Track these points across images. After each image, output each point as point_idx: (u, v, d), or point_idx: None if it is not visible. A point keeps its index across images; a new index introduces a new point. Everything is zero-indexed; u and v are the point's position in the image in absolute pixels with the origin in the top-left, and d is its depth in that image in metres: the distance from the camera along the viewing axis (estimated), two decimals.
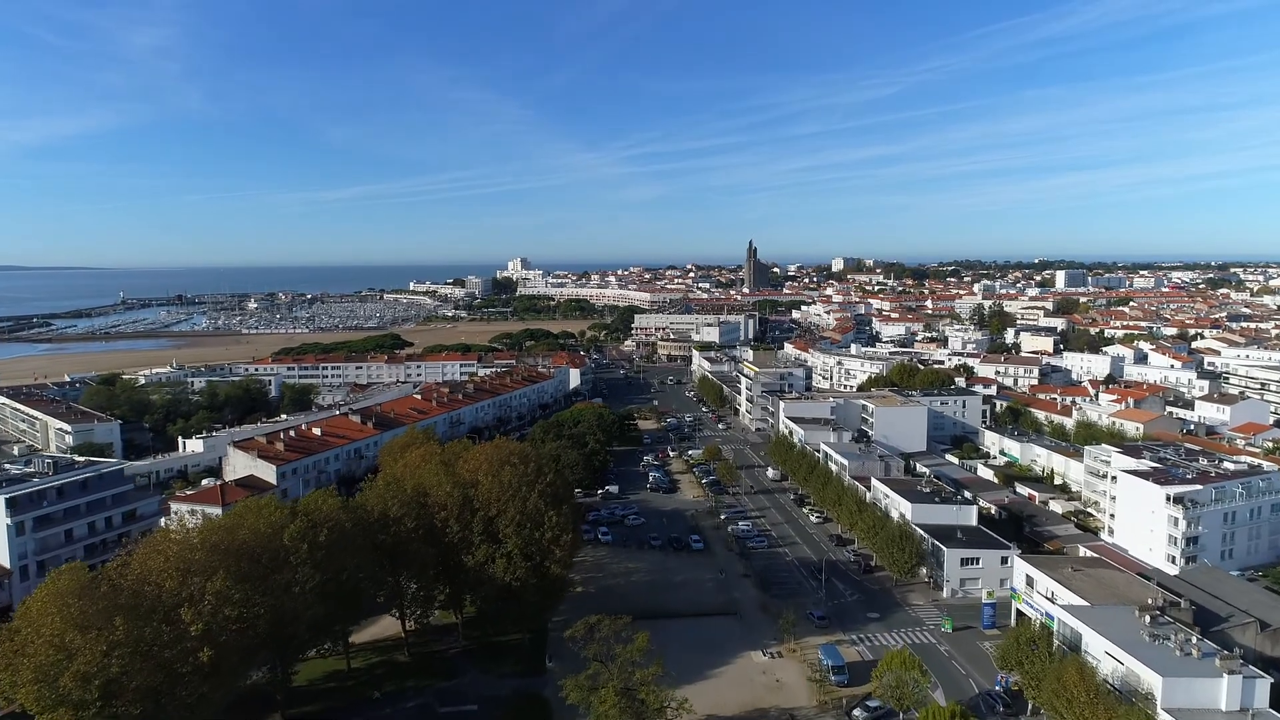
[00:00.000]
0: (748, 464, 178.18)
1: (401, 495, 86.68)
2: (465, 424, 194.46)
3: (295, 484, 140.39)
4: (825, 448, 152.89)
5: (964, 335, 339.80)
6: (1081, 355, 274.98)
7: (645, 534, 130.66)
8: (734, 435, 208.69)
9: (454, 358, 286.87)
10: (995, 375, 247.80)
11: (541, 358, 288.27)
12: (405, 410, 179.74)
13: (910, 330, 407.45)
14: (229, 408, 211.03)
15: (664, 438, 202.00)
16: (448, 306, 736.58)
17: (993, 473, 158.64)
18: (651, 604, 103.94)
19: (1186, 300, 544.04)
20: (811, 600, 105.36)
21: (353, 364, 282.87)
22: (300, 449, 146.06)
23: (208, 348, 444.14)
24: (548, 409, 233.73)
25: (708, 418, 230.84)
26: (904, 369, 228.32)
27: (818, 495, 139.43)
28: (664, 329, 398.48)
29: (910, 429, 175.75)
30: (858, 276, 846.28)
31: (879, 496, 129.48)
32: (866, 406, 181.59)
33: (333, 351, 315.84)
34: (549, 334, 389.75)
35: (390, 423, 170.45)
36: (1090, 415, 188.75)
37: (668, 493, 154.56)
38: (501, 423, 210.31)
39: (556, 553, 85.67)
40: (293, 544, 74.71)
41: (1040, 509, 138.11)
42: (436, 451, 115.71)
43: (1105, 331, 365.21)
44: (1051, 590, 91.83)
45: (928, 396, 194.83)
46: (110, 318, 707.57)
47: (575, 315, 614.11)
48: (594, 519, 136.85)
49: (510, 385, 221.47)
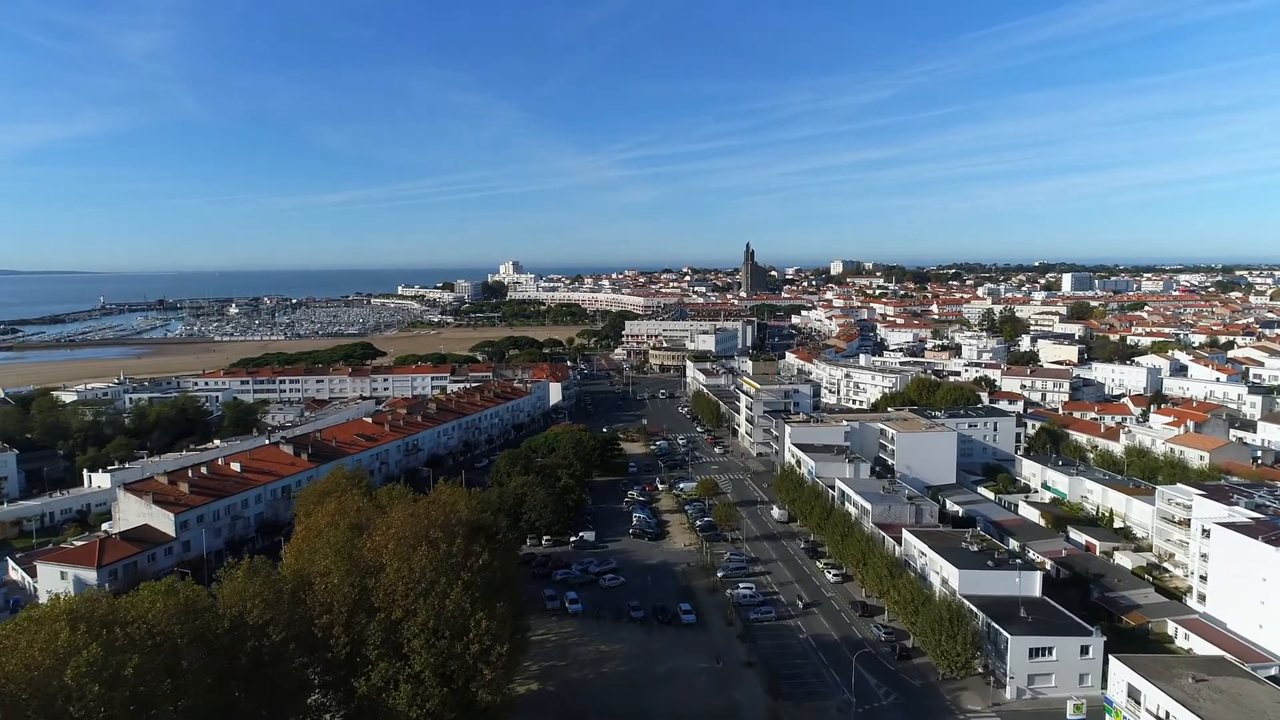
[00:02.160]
0: (749, 499, 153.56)
1: (268, 591, 61.71)
2: (424, 451, 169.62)
3: (200, 535, 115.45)
4: (841, 485, 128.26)
5: (978, 343, 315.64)
6: (1111, 366, 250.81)
7: (625, 598, 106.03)
8: (732, 462, 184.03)
9: (425, 370, 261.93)
10: (1021, 390, 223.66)
11: (521, 370, 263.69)
12: (350, 437, 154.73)
13: (918, 337, 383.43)
14: (159, 430, 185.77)
15: (652, 465, 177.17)
16: (435, 312, 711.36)
17: (1038, 513, 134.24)
18: (627, 708, 79.55)
19: (1203, 304, 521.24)
20: (835, 704, 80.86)
21: (313, 377, 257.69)
22: (211, 490, 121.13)
23: (173, 356, 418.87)
24: (523, 430, 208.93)
25: (702, 439, 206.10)
26: (922, 384, 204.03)
27: (835, 548, 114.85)
28: (656, 336, 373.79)
29: (937, 458, 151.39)
30: (857, 280, 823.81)
31: (912, 553, 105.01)
32: (886, 431, 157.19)
33: (295, 363, 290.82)
34: (534, 342, 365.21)
35: (330, 453, 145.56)
36: (1142, 440, 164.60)
37: (654, 539, 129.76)
38: (468, 448, 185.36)
39: (486, 673, 60.81)
40: (78, 683, 49.95)
41: (1105, 563, 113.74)
42: (356, 505, 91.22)
43: (1127, 339, 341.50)
44: (1167, 711, 67.48)
45: (953, 418, 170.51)
46: (85, 324, 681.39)
47: (566, 321, 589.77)
48: (562, 578, 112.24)
49: (480, 404, 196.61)
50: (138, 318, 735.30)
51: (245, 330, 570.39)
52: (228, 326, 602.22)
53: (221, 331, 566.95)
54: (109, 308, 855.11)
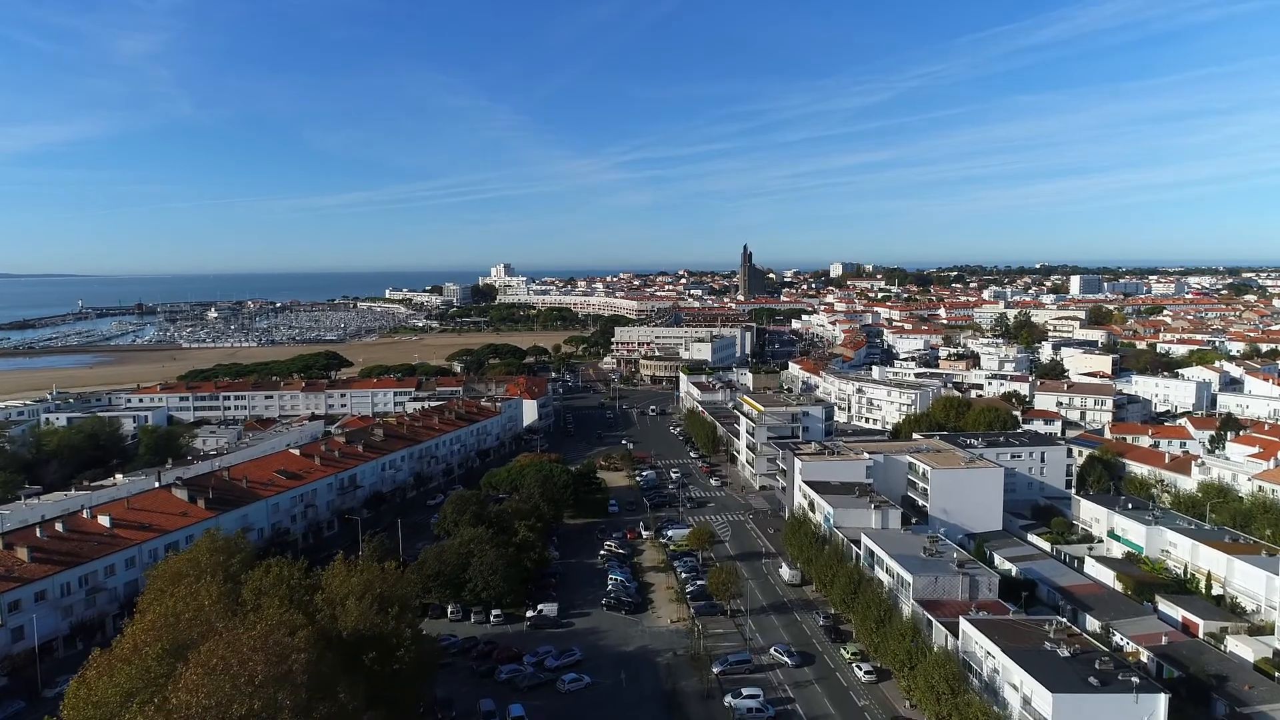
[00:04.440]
0: (752, 550, 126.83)
1: None
2: (364, 488, 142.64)
3: (32, 621, 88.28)
4: (870, 545, 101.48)
5: (998, 353, 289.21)
6: (1155, 380, 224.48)
7: (585, 710, 79.39)
8: (730, 498, 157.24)
9: (387, 384, 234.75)
10: (1058, 407, 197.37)
11: (495, 384, 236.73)
12: (267, 474, 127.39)
13: (929, 344, 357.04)
14: (59, 461, 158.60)
15: (636, 503, 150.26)
16: (421, 316, 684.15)
17: (1111, 574, 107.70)
18: None
19: (1225, 308, 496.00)
20: None
21: (261, 392, 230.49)
22: (59, 558, 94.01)
23: (133, 365, 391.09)
24: (489, 457, 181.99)
25: (696, 467, 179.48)
26: (949, 404, 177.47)
27: (869, 639, 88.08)
28: (648, 344, 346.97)
29: (980, 500, 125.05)
30: (858, 282, 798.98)
31: (974, 649, 78.21)
32: (917, 466, 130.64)
33: (249, 374, 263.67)
34: (517, 350, 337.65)
35: (237, 497, 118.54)
36: (1220, 474, 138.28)
37: (634, 611, 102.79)
38: (421, 482, 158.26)
39: None
40: None
41: (1219, 655, 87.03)
42: (203, 600, 64.74)
43: (1157, 346, 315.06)
44: None
45: (992, 446, 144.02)
46: (56, 329, 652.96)
47: (556, 326, 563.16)
48: (509, 677, 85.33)
49: (438, 427, 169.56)
50: (112, 323, 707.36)
51: (219, 336, 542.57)
52: (201, 332, 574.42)
53: (194, 338, 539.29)
54: (86, 312, 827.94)
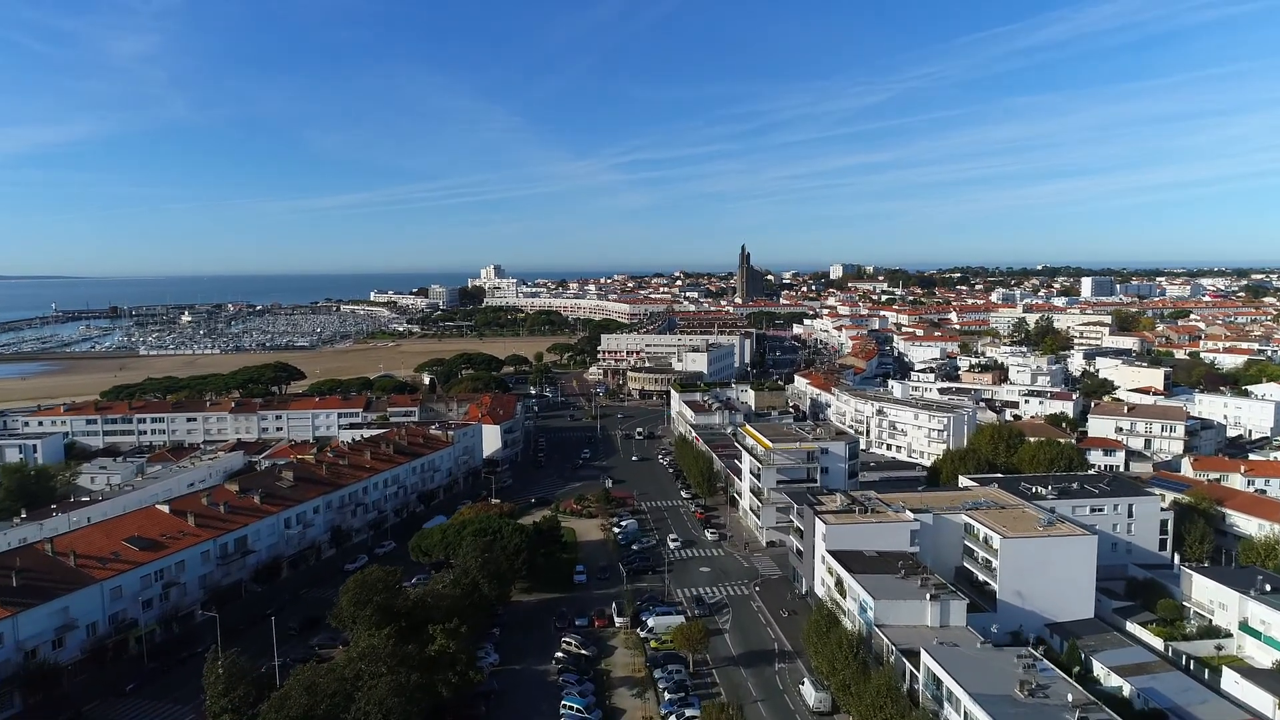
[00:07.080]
0: (759, 648, 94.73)
1: None
2: (259, 552, 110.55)
3: None
4: (937, 670, 69.74)
5: (1028, 364, 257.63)
6: (1223, 399, 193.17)
7: None
8: (730, 560, 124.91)
9: (331, 404, 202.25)
10: (1118, 434, 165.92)
11: (459, 401, 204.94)
12: (111, 545, 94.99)
13: (945, 353, 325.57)
14: None
15: (610, 568, 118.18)
16: (403, 320, 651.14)
17: (1272, 701, 76.28)
18: None
19: (1256, 312, 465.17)
20: None
21: (183, 414, 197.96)
22: None
23: (82, 375, 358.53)
24: (436, 500, 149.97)
25: (689, 511, 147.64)
26: (998, 435, 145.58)
27: None
28: (638, 352, 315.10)
29: (1065, 577, 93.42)
30: (859, 284, 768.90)
31: None
32: (975, 530, 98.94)
33: (180, 390, 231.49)
34: (493, 360, 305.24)
35: (58, 582, 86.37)
36: None
37: None
38: (340, 539, 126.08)
39: None
40: None
41: None
42: None
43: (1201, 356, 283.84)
44: None
45: (1065, 497, 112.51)
46: (20, 333, 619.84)
47: (544, 330, 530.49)
48: None
49: (369, 465, 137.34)
50: (79, 327, 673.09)
51: (185, 342, 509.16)
52: (168, 338, 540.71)
53: (158, 344, 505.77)
54: (59, 315, 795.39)
